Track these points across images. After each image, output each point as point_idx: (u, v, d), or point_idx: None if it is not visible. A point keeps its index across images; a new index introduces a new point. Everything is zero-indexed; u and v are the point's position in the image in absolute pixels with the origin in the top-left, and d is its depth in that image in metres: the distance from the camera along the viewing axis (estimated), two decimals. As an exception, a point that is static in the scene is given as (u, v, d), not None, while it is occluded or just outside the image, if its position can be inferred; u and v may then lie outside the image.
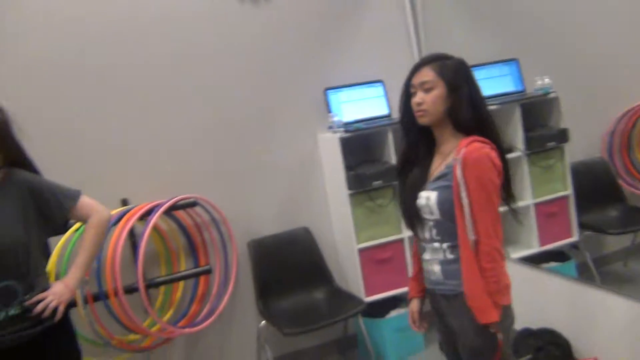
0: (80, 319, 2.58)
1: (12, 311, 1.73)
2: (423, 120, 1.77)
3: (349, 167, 3.15)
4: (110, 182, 2.90)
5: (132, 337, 2.86)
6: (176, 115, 3.06)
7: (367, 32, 3.43)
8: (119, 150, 2.95)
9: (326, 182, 3.36)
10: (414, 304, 1.99)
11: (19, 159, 1.83)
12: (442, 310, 1.86)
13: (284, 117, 3.28)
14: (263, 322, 3.05)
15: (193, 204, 2.99)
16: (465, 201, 1.66)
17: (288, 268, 3.22)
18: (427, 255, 1.84)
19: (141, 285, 2.68)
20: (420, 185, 1.80)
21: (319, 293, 3.23)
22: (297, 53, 3.28)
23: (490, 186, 1.66)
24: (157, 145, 3.03)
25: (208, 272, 3.05)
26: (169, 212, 2.92)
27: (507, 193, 1.79)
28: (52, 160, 2.05)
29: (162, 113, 3.04)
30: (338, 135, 3.08)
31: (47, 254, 1.96)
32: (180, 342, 3.13)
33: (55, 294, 1.78)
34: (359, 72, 3.36)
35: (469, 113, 1.72)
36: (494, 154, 1.68)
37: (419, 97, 1.75)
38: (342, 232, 3.28)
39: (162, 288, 3.02)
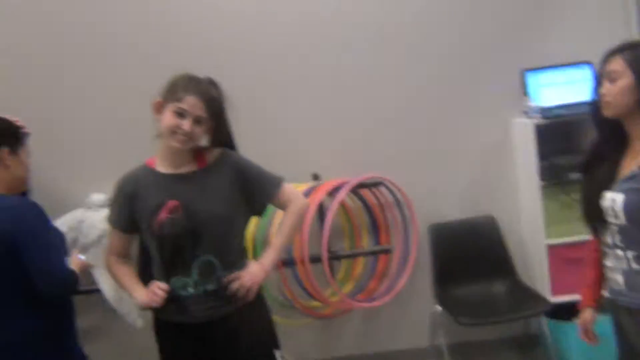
0: (271, 281, 2.83)
1: (209, 286, 1.78)
2: (607, 112, 1.65)
3: (543, 157, 2.93)
4: (303, 157, 3.09)
5: (314, 303, 3.05)
6: (367, 94, 3.14)
7: (575, 5, 3.11)
8: (313, 127, 3.12)
9: (517, 170, 3.17)
10: (587, 314, 1.83)
11: (228, 140, 1.89)
12: (623, 324, 1.69)
13: (475, 99, 3.16)
14: (438, 307, 3.03)
15: (378, 184, 3.06)
16: None
17: (469, 256, 3.14)
18: (609, 262, 1.71)
19: (325, 256, 2.84)
20: (607, 185, 1.66)
21: (499, 286, 3.10)
22: (491, 30, 3.12)
23: None
24: (348, 124, 3.14)
25: (388, 251, 3.11)
26: (355, 189, 3.03)
27: None
28: (248, 135, 2.01)
29: (355, 92, 3.13)
30: (534, 121, 2.88)
31: (244, 230, 1.98)
32: (356, 315, 3.26)
33: (251, 274, 1.81)
34: (563, 52, 3.06)
35: None
36: None
37: (604, 87, 1.64)
38: (531, 225, 3.08)
39: (344, 261, 3.17)
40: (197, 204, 1.76)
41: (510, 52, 3.11)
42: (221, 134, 1.84)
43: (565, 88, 3.04)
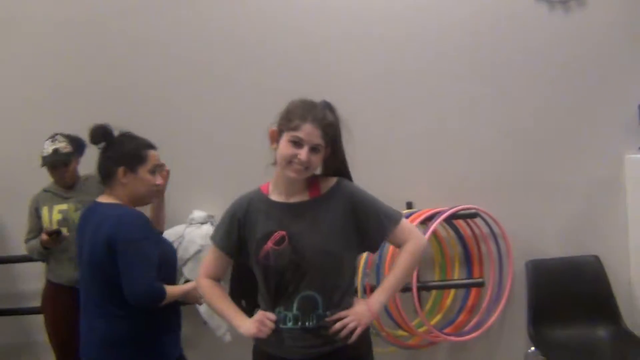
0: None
1: (309, 323, 1.68)
2: None
3: (660, 196, 2.73)
4: (397, 185, 3.05)
5: (400, 332, 2.99)
6: (465, 122, 3.06)
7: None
8: (409, 154, 3.08)
9: (628, 208, 2.96)
10: None
11: (342, 167, 1.78)
12: None
13: (585, 133, 3.00)
14: (533, 348, 2.88)
15: (474, 215, 2.96)
16: None
17: (569, 297, 2.96)
18: None
19: (414, 286, 2.78)
20: None
21: (602, 331, 2.89)
22: (607, 63, 2.97)
23: None
24: (445, 152, 3.07)
25: (481, 284, 2.99)
26: (449, 219, 2.94)
27: None
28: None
29: (451, 119, 3.06)
30: (651, 157, 2.68)
31: (355, 271, 1.84)
32: (443, 348, 3.16)
33: (356, 315, 1.68)
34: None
35: None
36: None
37: None
38: (641, 267, 2.86)
39: (434, 292, 3.08)
40: (305, 237, 1.66)
41: (626, 85, 2.95)
42: (336, 160, 1.75)
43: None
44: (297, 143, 1.64)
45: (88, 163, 2.48)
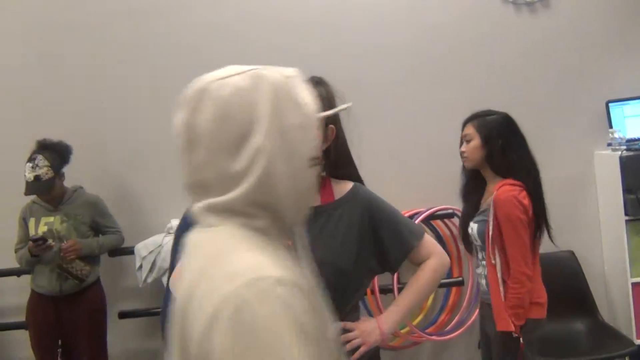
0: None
1: None
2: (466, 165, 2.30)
3: (628, 190, 2.80)
4: (375, 185, 3.04)
5: (383, 334, 3.01)
6: (439, 123, 3.10)
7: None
8: (386, 154, 3.11)
9: (600, 204, 3.04)
10: None
11: (349, 168, 1.54)
12: (484, 316, 2.29)
13: (557, 131, 3.07)
14: (513, 344, 2.91)
15: (451, 215, 3.01)
16: (493, 233, 2.12)
17: (547, 292, 2.99)
18: (478, 270, 2.33)
19: (395, 287, 2.81)
20: (471, 217, 2.28)
21: (579, 324, 2.95)
22: (574, 62, 3.05)
23: (517, 222, 2.08)
24: (420, 153, 3.12)
25: (460, 283, 3.03)
26: (427, 220, 2.99)
27: (540, 225, 2.16)
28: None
29: (425, 121, 3.11)
30: (619, 153, 2.76)
31: (365, 287, 1.56)
32: (426, 348, 3.19)
33: (363, 333, 1.43)
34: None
35: (502, 161, 2.17)
36: (523, 194, 2.11)
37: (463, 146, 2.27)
38: (614, 261, 2.93)
39: (415, 293, 3.11)
40: (313, 248, 1.40)
41: (594, 83, 3.03)
42: (341, 154, 1.51)
43: (652, 119, 2.91)
44: None
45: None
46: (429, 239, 1.53)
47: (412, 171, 3.12)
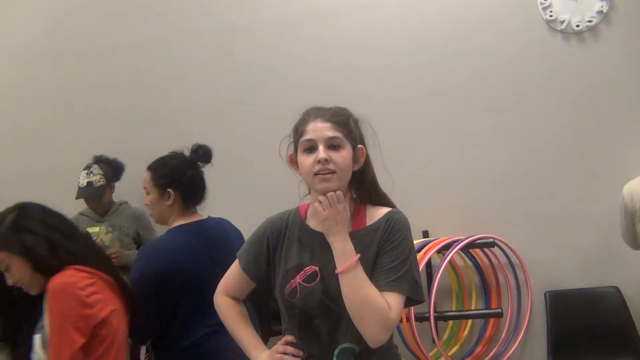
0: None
1: None
2: None
3: (679, 225, 2.68)
4: (414, 212, 3.03)
5: (417, 363, 2.97)
6: (481, 151, 3.08)
7: None
8: (426, 182, 3.10)
9: (647, 239, 2.92)
10: None
11: (377, 192, 1.54)
12: None
13: (602, 162, 2.98)
14: (554, 381, 2.82)
15: (491, 244, 2.95)
16: None
17: (590, 328, 2.91)
18: None
19: (432, 315, 2.76)
20: None
21: (624, 362, 2.84)
22: (623, 91, 2.96)
23: None
24: (463, 181, 3.08)
25: (499, 315, 2.96)
26: (466, 249, 2.94)
27: None
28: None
29: (470, 148, 3.09)
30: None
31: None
32: (461, 379, 3.12)
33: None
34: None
35: None
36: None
37: None
38: (663, 299, 2.81)
39: (451, 322, 3.06)
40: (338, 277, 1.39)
41: (642, 112, 2.94)
42: (367, 175, 1.51)
43: None
44: (311, 148, 1.41)
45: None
46: (399, 301, 1.39)
47: (452, 197, 3.09)
